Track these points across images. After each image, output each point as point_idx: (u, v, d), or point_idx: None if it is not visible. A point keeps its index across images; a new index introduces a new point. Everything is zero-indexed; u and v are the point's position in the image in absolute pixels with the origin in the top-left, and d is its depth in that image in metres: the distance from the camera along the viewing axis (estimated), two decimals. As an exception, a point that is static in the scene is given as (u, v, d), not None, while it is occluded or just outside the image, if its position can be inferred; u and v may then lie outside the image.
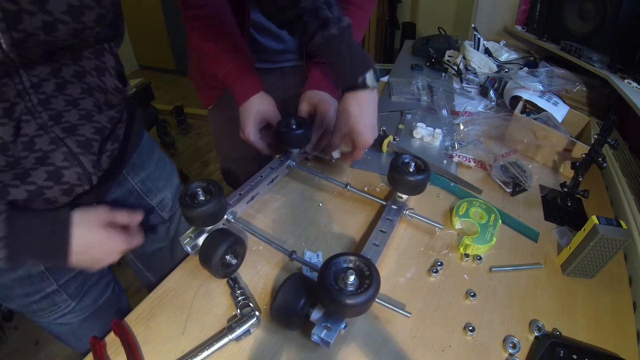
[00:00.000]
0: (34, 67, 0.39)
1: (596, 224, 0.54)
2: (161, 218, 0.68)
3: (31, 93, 0.40)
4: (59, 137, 0.43)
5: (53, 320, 0.57)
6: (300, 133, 0.71)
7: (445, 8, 2.80)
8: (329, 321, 0.44)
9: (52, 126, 0.42)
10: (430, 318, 0.52)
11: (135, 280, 1.42)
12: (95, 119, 0.46)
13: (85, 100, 0.45)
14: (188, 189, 0.54)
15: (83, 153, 0.45)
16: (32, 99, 0.40)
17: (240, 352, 0.47)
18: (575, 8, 1.18)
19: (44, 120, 0.42)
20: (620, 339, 0.51)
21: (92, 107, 0.46)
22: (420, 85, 1.17)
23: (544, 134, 0.84)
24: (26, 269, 0.51)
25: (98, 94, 0.47)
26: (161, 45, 3.50)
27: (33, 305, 0.54)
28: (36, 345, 1.38)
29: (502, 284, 0.57)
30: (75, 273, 0.56)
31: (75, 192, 0.46)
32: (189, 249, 0.56)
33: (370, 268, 0.43)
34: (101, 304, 0.62)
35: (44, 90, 0.41)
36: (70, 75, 0.43)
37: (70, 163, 0.44)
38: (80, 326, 0.60)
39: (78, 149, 0.44)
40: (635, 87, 0.94)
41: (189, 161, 2.46)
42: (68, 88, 0.43)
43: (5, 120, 0.39)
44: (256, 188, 0.67)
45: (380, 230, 0.59)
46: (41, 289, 0.53)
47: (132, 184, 0.61)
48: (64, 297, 0.56)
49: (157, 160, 0.66)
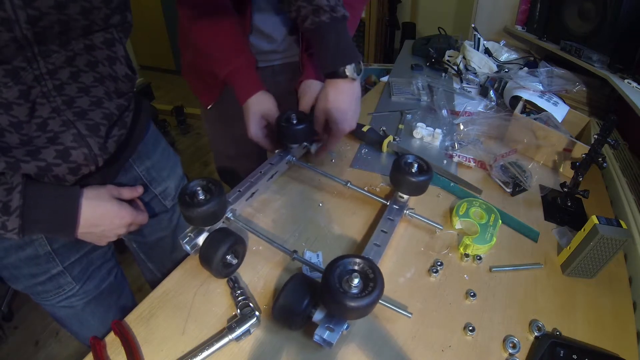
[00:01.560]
0: (50, 54, 0.42)
1: (596, 224, 0.54)
2: (164, 206, 0.69)
3: (47, 79, 0.43)
4: (70, 120, 0.46)
5: (57, 303, 0.59)
6: (301, 128, 0.70)
7: (445, 8, 2.80)
8: (332, 322, 0.44)
9: (65, 110, 0.45)
10: (430, 318, 0.52)
11: (136, 278, 1.43)
12: (105, 106, 0.49)
13: (96, 88, 0.48)
14: (187, 188, 0.53)
15: (91, 135, 0.47)
16: (47, 84, 0.43)
17: (240, 352, 0.47)
18: (575, 8, 1.18)
19: (58, 105, 0.45)
20: (620, 339, 0.51)
21: (102, 95, 0.49)
22: (420, 85, 1.17)
23: (544, 134, 0.84)
24: (34, 248, 0.53)
25: (109, 82, 0.50)
26: (161, 45, 3.50)
27: (38, 287, 0.56)
28: (36, 345, 1.38)
29: (502, 284, 0.57)
30: (79, 255, 0.58)
31: (81, 172, 0.49)
32: (188, 248, 0.55)
33: (375, 271, 0.43)
34: (104, 289, 0.63)
35: (59, 77, 0.44)
36: (83, 65, 0.46)
37: (78, 144, 0.46)
38: (83, 310, 0.61)
39: (86, 131, 0.47)
40: (635, 87, 0.94)
41: (189, 161, 2.46)
42: (82, 76, 0.47)
43: (22, 101, 0.42)
44: (256, 184, 0.66)
45: (382, 230, 0.59)
46: (47, 270, 0.55)
47: (138, 171, 0.63)
48: (68, 279, 0.58)
49: (162, 152, 0.68)
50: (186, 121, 2.75)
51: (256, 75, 0.76)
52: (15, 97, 0.41)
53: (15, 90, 0.41)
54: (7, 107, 0.41)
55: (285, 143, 0.74)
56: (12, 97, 0.41)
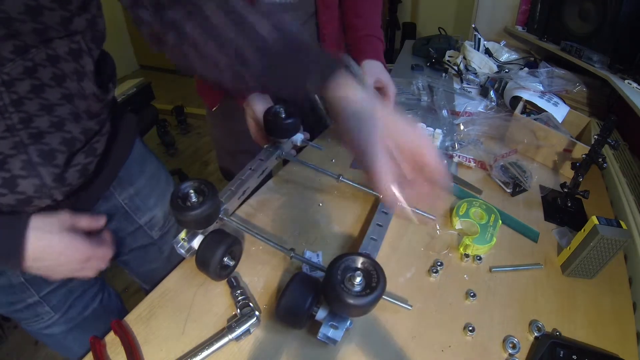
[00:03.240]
0: (4, 63, 0.37)
1: (596, 224, 0.54)
2: (150, 238, 0.64)
3: (2, 91, 0.38)
4: (22, 142, 0.40)
5: (38, 330, 0.56)
6: (289, 122, 0.67)
7: (446, 8, 2.80)
8: (335, 320, 0.45)
9: (20, 130, 0.40)
10: (430, 318, 0.52)
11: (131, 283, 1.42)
12: (66, 129, 0.43)
13: (62, 107, 0.43)
14: (179, 190, 0.50)
15: (43, 164, 0.42)
16: (3, 98, 0.38)
17: (240, 351, 0.47)
18: (576, 8, 1.18)
19: (14, 122, 0.39)
20: (620, 339, 0.51)
21: (67, 115, 0.43)
22: (421, 86, 1.17)
23: (544, 134, 0.84)
24: (7, 277, 0.50)
25: (78, 100, 0.44)
26: (161, 45, 3.50)
27: (18, 314, 0.54)
28: (36, 345, 1.38)
29: (502, 284, 0.57)
30: (57, 285, 0.54)
31: (34, 204, 0.44)
32: (183, 252, 0.54)
33: (377, 269, 0.43)
34: (87, 316, 0.59)
35: (16, 90, 0.39)
36: (48, 78, 0.41)
37: (27, 172, 0.41)
38: (65, 338, 0.58)
39: (38, 158, 0.41)
40: (635, 87, 0.93)
41: (189, 161, 2.46)
42: (46, 91, 0.41)
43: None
44: (247, 182, 0.64)
45: (377, 224, 0.59)
46: (23, 299, 0.52)
47: (119, 200, 0.58)
48: (46, 308, 0.54)
49: (150, 177, 0.63)
50: (186, 121, 2.75)
51: None
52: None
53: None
54: None
55: (273, 138, 0.72)
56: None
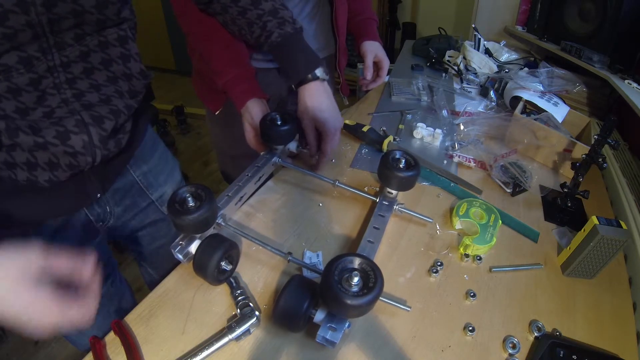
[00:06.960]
0: (65, 47, 0.43)
1: (596, 224, 0.54)
2: (161, 213, 0.68)
3: (60, 71, 0.44)
4: (76, 109, 0.47)
5: None
6: (285, 129, 0.68)
7: (446, 8, 2.80)
8: (333, 321, 0.44)
9: (73, 102, 0.46)
10: (430, 318, 0.52)
11: (136, 278, 1.43)
12: (113, 103, 0.50)
13: (108, 87, 0.49)
14: (176, 196, 0.51)
15: (93, 125, 0.48)
16: (60, 77, 0.44)
17: (240, 351, 0.47)
18: (576, 8, 1.18)
19: (67, 97, 0.46)
20: (620, 339, 0.51)
21: (112, 93, 0.50)
22: (421, 86, 1.17)
23: (544, 134, 0.84)
24: None
25: (122, 82, 0.51)
26: (161, 45, 3.50)
27: None
28: (36, 345, 1.38)
29: (502, 284, 0.57)
30: None
31: (78, 162, 0.48)
32: (180, 257, 0.54)
33: (374, 269, 0.43)
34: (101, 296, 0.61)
35: (72, 71, 0.45)
36: (98, 62, 0.48)
37: (79, 129, 0.46)
38: None
39: (90, 120, 0.47)
40: (635, 87, 0.94)
41: (189, 161, 2.46)
42: (95, 74, 0.48)
43: (31, 89, 0.43)
44: (244, 188, 0.65)
45: (374, 227, 0.59)
46: None
47: (134, 176, 0.62)
48: None
49: (160, 156, 0.67)
50: (186, 121, 2.75)
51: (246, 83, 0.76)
52: (25, 84, 0.42)
53: (26, 77, 0.41)
54: (15, 93, 0.41)
55: (269, 145, 0.73)
56: (22, 83, 0.41)
